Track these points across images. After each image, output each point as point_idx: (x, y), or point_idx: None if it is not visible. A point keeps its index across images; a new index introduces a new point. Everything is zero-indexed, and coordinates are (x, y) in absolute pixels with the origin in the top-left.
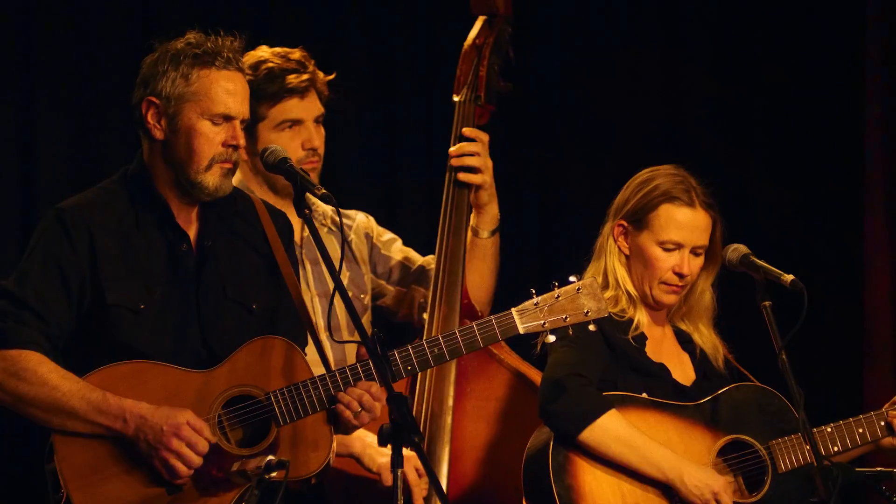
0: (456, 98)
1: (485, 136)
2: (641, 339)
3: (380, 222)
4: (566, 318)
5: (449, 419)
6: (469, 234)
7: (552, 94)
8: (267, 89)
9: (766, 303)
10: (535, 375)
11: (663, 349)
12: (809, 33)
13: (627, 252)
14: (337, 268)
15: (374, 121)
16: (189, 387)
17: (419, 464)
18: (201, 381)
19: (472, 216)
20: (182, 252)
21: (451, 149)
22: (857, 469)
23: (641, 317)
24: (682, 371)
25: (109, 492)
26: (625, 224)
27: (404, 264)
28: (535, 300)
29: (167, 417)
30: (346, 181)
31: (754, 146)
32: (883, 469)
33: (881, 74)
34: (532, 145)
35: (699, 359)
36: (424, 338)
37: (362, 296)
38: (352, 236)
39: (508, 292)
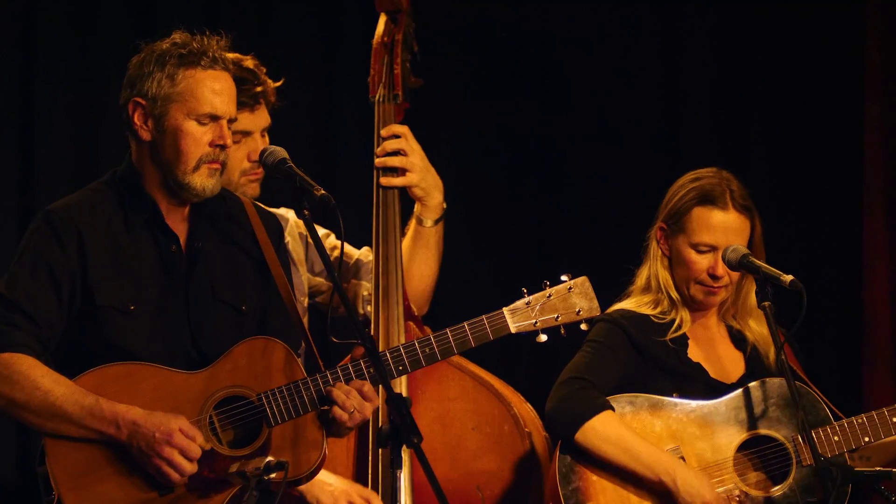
0: (372, 98)
1: (404, 129)
2: (682, 339)
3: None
4: (558, 317)
5: None
6: (413, 222)
7: (552, 94)
8: None
9: (766, 303)
10: (485, 375)
11: (709, 348)
12: (809, 33)
13: (668, 254)
14: (336, 269)
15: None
16: (180, 388)
17: (364, 492)
18: (193, 383)
19: (416, 205)
20: (172, 253)
21: (377, 150)
22: (857, 469)
23: (685, 317)
24: (728, 369)
25: (101, 493)
26: (664, 227)
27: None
28: (526, 299)
29: (160, 424)
30: (343, 181)
31: (754, 146)
32: (882, 469)
33: (881, 75)
34: (532, 145)
35: (750, 356)
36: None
37: (302, 298)
38: (287, 238)
39: (501, 292)
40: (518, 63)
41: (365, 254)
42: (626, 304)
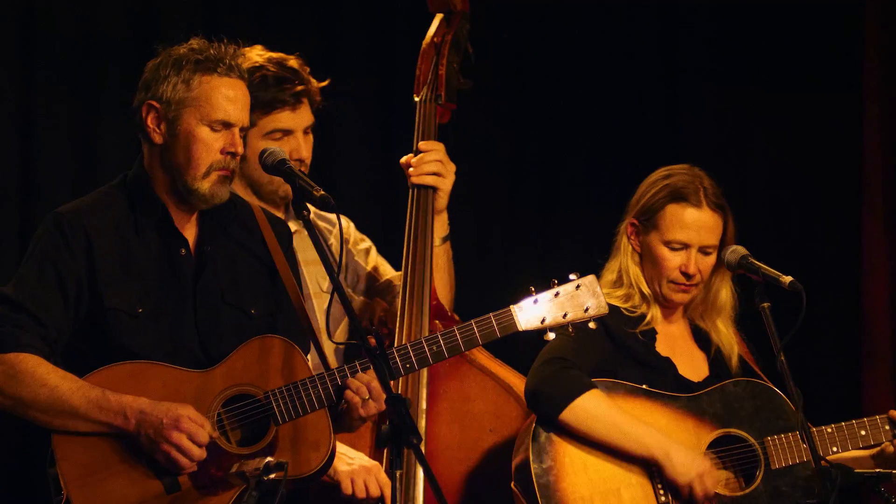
0: (416, 98)
1: (439, 146)
2: (651, 333)
3: (377, 225)
4: (565, 315)
5: (423, 422)
6: None
7: (552, 89)
8: (260, 98)
9: (765, 304)
10: (508, 375)
11: (675, 346)
12: (809, 32)
13: (639, 250)
14: (336, 269)
15: (371, 123)
16: (189, 386)
17: (382, 477)
18: (201, 381)
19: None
20: (181, 257)
21: (413, 159)
22: (856, 470)
23: (655, 313)
24: (693, 368)
25: (109, 491)
26: (636, 223)
27: (372, 275)
28: (534, 297)
29: (167, 411)
30: (343, 183)
31: (753, 146)
32: (882, 471)
33: (879, 74)
34: (532, 143)
35: (713, 357)
36: (396, 343)
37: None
38: (331, 241)
39: (509, 290)
40: (522, 61)
41: (397, 277)
42: None
